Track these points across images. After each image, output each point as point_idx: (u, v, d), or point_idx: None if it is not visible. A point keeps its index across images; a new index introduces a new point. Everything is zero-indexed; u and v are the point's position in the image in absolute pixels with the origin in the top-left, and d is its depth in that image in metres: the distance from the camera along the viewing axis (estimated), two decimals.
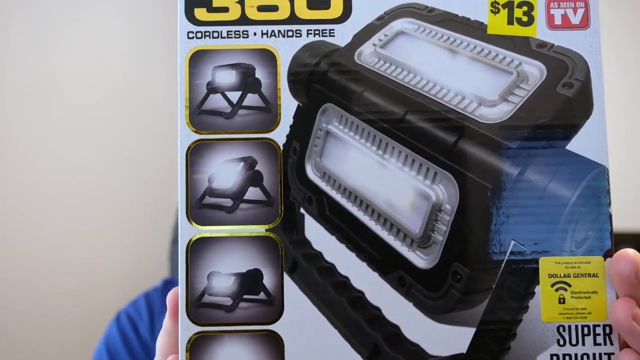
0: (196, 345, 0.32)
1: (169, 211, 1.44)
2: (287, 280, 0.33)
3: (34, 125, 1.25)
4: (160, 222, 1.42)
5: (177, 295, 0.33)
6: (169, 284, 0.82)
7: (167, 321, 0.34)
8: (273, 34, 0.33)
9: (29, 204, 1.23)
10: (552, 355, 0.32)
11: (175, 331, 0.34)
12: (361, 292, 0.33)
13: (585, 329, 0.32)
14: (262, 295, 0.32)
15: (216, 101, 0.33)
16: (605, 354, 0.32)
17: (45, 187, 1.26)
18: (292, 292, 0.32)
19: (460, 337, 0.32)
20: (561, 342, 0.32)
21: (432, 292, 0.32)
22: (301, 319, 0.32)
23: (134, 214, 1.38)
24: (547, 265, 0.32)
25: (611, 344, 0.32)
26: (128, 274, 1.35)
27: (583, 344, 0.32)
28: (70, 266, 1.27)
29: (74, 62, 1.29)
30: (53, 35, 1.27)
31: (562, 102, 0.33)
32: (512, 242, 0.32)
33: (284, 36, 0.33)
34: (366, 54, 0.34)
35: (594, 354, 0.32)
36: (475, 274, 0.32)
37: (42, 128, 1.26)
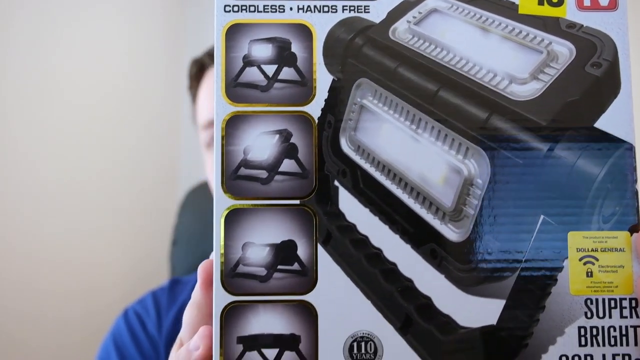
0: (230, 314, 0.32)
1: (169, 211, 1.44)
2: (321, 251, 0.33)
3: (34, 125, 1.24)
4: (160, 222, 1.41)
5: (210, 267, 0.33)
6: (176, 283, 0.82)
7: (197, 294, 0.34)
8: (309, 9, 0.34)
9: (28, 204, 1.22)
10: (579, 327, 0.33)
11: (206, 303, 0.34)
12: (394, 264, 0.33)
13: (612, 302, 0.33)
14: (296, 266, 0.33)
15: (252, 74, 0.34)
16: (631, 326, 0.33)
17: (45, 187, 1.25)
18: (326, 263, 0.33)
19: (490, 309, 0.33)
20: (589, 315, 0.33)
21: (463, 264, 0.33)
22: (335, 290, 0.33)
23: (134, 214, 1.37)
24: (575, 240, 0.33)
25: (637, 316, 0.33)
26: (128, 274, 1.35)
27: (610, 317, 0.33)
28: (70, 266, 1.26)
29: (74, 62, 1.29)
30: (53, 35, 1.27)
31: (591, 81, 0.34)
32: (542, 217, 0.33)
33: (319, 11, 0.34)
34: (400, 31, 0.35)
35: (620, 327, 0.33)
36: (505, 248, 0.33)
37: (42, 128, 1.25)
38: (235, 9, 0.34)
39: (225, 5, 0.34)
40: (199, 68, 0.86)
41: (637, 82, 0.35)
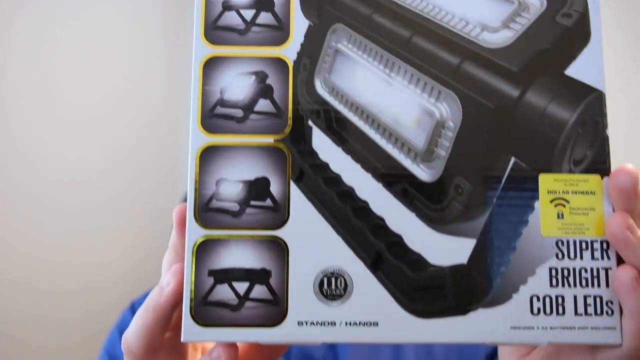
0: (202, 248, 0.33)
1: (169, 211, 1.43)
2: (294, 188, 0.33)
3: (34, 125, 1.26)
4: (160, 222, 1.41)
5: (184, 209, 0.34)
6: None
7: (173, 236, 0.35)
8: None
9: (29, 204, 1.23)
10: (550, 269, 0.33)
11: (181, 244, 0.34)
12: (365, 202, 0.33)
13: (584, 244, 0.33)
14: (268, 202, 0.33)
15: (231, 18, 0.35)
16: (602, 268, 0.33)
17: (45, 188, 1.26)
18: (298, 200, 0.33)
19: (461, 248, 0.33)
20: (560, 256, 0.33)
21: (434, 204, 0.33)
22: (306, 226, 0.33)
23: (134, 214, 1.38)
24: (546, 182, 0.33)
25: (608, 258, 0.33)
26: (128, 274, 1.34)
27: (581, 258, 0.33)
28: (70, 266, 1.26)
29: (74, 62, 1.31)
30: (53, 35, 1.29)
31: (561, 31, 0.34)
32: (513, 159, 0.33)
33: None
34: None
35: (591, 268, 0.33)
36: (476, 188, 0.33)
37: (43, 128, 1.27)
38: None
39: None
40: None
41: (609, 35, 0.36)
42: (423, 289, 0.32)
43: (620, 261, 0.33)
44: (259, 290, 0.32)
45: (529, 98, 0.34)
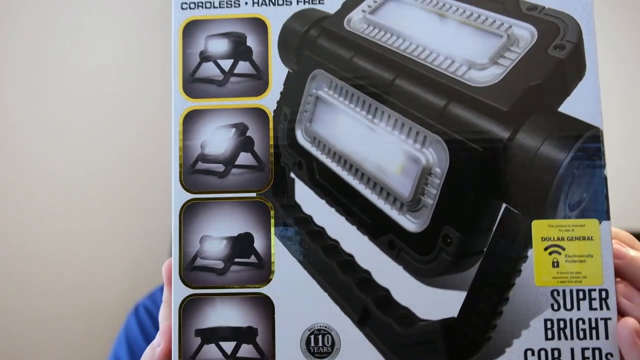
0: (189, 307, 0.33)
1: (169, 211, 1.44)
2: (278, 243, 0.33)
3: (35, 125, 1.28)
4: (161, 222, 1.42)
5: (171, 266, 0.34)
6: None
7: (165, 291, 0.35)
8: (264, 2, 0.34)
9: (30, 202, 1.26)
10: (546, 320, 0.32)
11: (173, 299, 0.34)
12: (351, 256, 0.33)
13: (581, 293, 0.32)
14: (253, 259, 0.33)
15: (209, 69, 0.34)
16: (601, 318, 0.31)
17: (45, 189, 1.28)
18: (283, 256, 0.33)
19: (451, 301, 0.32)
20: (555, 307, 0.32)
21: (422, 255, 0.32)
22: (291, 282, 0.32)
23: (134, 213, 1.39)
24: (540, 228, 0.32)
25: (607, 308, 0.31)
26: (128, 273, 1.36)
27: (578, 309, 0.31)
28: (71, 266, 1.29)
29: (73, 62, 1.32)
30: (52, 36, 1.30)
31: (554, 64, 0.33)
32: (504, 206, 0.32)
33: (274, 4, 0.34)
34: (355, 21, 0.34)
35: (589, 319, 0.31)
36: (466, 238, 0.32)
37: (44, 128, 1.29)
38: (192, 5, 0.35)
39: (182, 3, 0.35)
40: None
41: (606, 103, 0.34)
42: (413, 345, 0.32)
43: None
44: (246, 350, 0.32)
45: (521, 139, 0.32)
